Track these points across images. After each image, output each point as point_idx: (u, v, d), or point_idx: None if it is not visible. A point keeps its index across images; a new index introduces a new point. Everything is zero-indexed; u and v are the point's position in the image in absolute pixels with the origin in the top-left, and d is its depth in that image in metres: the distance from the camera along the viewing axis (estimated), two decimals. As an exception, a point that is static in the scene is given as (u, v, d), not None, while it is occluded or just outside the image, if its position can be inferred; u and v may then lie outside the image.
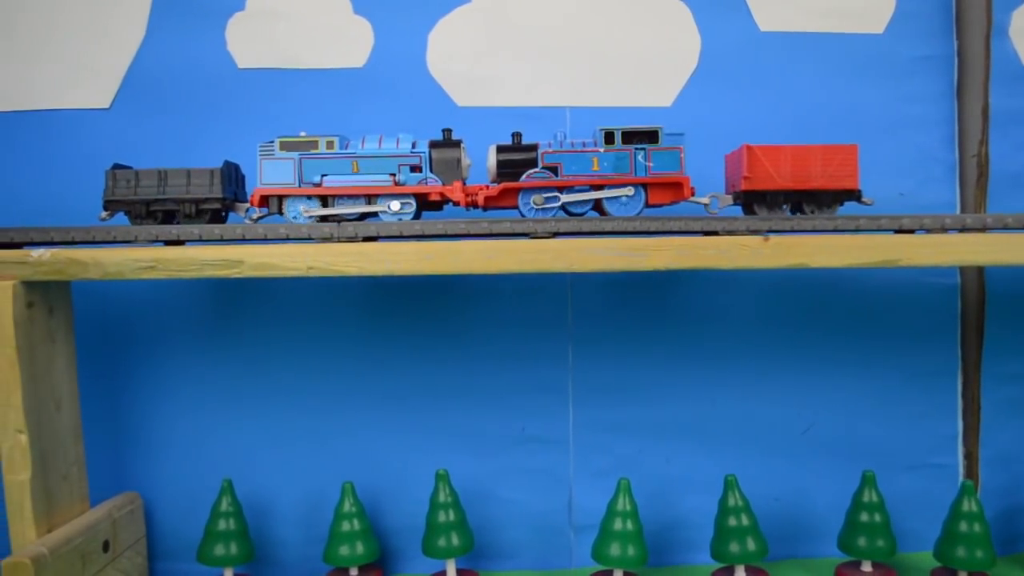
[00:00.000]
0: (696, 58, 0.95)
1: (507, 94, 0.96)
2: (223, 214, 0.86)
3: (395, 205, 0.82)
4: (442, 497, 0.90)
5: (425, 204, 0.84)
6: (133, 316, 0.97)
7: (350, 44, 0.96)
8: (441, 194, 0.82)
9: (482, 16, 0.96)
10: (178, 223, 0.84)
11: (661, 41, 0.95)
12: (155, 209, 0.84)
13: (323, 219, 0.83)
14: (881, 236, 0.80)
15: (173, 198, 0.84)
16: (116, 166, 0.85)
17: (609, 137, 0.82)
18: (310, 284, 0.96)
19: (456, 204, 0.83)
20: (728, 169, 0.88)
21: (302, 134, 0.83)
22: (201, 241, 0.81)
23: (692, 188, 0.82)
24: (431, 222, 0.80)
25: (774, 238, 0.78)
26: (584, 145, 0.83)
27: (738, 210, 0.86)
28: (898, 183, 0.96)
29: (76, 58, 0.97)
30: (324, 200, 0.83)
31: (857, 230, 0.80)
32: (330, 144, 0.83)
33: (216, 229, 0.81)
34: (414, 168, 0.83)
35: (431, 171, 0.83)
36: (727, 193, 0.87)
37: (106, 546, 0.90)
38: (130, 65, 0.96)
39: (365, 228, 0.80)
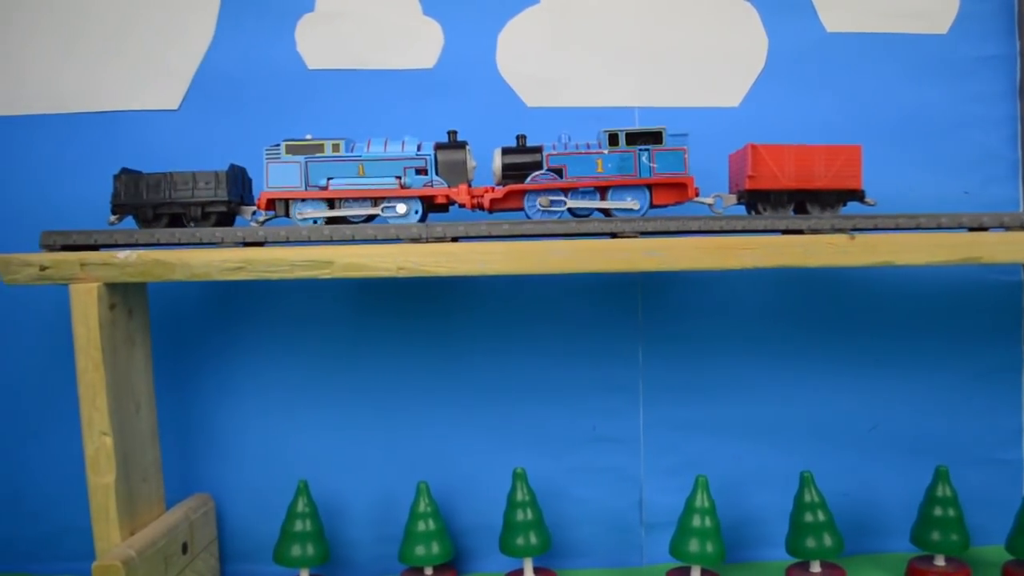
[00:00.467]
0: (763, 59, 0.96)
1: (576, 94, 0.96)
2: (230, 217, 0.86)
3: (401, 208, 0.82)
4: (520, 496, 0.91)
5: (431, 206, 0.84)
6: (204, 318, 0.97)
7: (420, 45, 0.96)
8: (447, 196, 0.83)
9: (551, 17, 0.96)
10: (184, 226, 0.84)
11: (728, 42, 0.96)
12: (162, 212, 0.84)
13: (329, 221, 0.83)
14: (963, 234, 0.81)
15: (179, 201, 0.84)
16: (123, 171, 0.85)
17: (613, 139, 0.82)
18: (381, 284, 0.96)
19: (462, 206, 0.83)
20: (732, 169, 0.89)
21: (308, 137, 0.83)
22: (288, 243, 0.82)
23: (696, 188, 0.82)
24: (518, 222, 0.81)
25: (860, 236, 0.79)
26: (588, 146, 0.83)
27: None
28: (962, 181, 0.97)
29: (146, 60, 0.97)
30: (330, 203, 0.83)
31: (939, 228, 0.81)
32: (336, 147, 0.83)
33: (304, 231, 0.81)
34: (419, 171, 0.83)
35: (437, 173, 0.83)
36: (731, 192, 0.87)
37: (184, 548, 0.90)
38: (199, 66, 0.97)
39: (453, 228, 0.80)
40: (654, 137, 0.82)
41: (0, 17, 0.97)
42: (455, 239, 0.80)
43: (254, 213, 0.85)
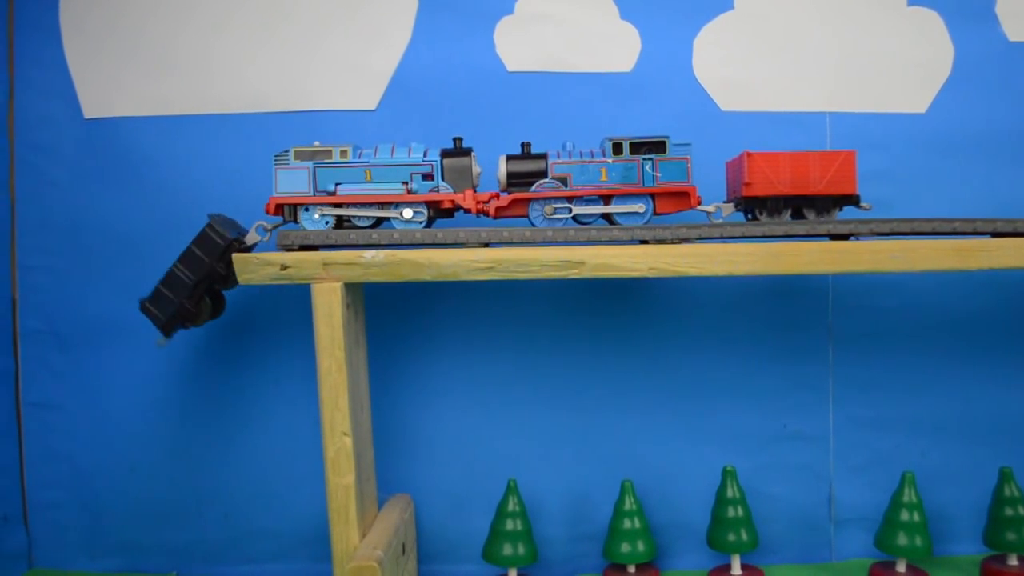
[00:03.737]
0: (949, 66, 0.98)
1: (768, 99, 0.98)
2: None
3: (407, 213, 0.83)
4: (730, 493, 0.92)
5: (437, 212, 0.85)
6: (401, 317, 0.98)
7: (618, 49, 0.97)
8: (452, 202, 0.83)
9: (745, 22, 0.98)
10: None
11: (915, 50, 0.98)
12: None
13: (338, 224, 0.84)
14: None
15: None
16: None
17: (617, 148, 0.84)
18: (576, 285, 0.97)
19: (467, 212, 0.84)
20: (729, 176, 0.90)
21: (316, 144, 0.84)
22: (520, 244, 0.82)
23: (699, 197, 0.83)
24: (754, 225, 0.82)
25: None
26: (592, 155, 0.84)
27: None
28: None
29: (345, 60, 0.97)
30: (338, 208, 0.84)
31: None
32: (344, 153, 0.83)
33: (548, 232, 0.81)
34: (426, 176, 0.84)
35: (443, 179, 0.84)
36: (728, 199, 0.89)
37: (403, 548, 0.90)
38: (397, 67, 0.97)
39: (697, 230, 0.82)
40: (657, 147, 0.84)
41: (196, 15, 0.97)
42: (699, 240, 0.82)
43: (257, 228, 0.86)
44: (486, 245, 0.81)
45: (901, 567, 0.92)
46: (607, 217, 0.85)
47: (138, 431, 0.99)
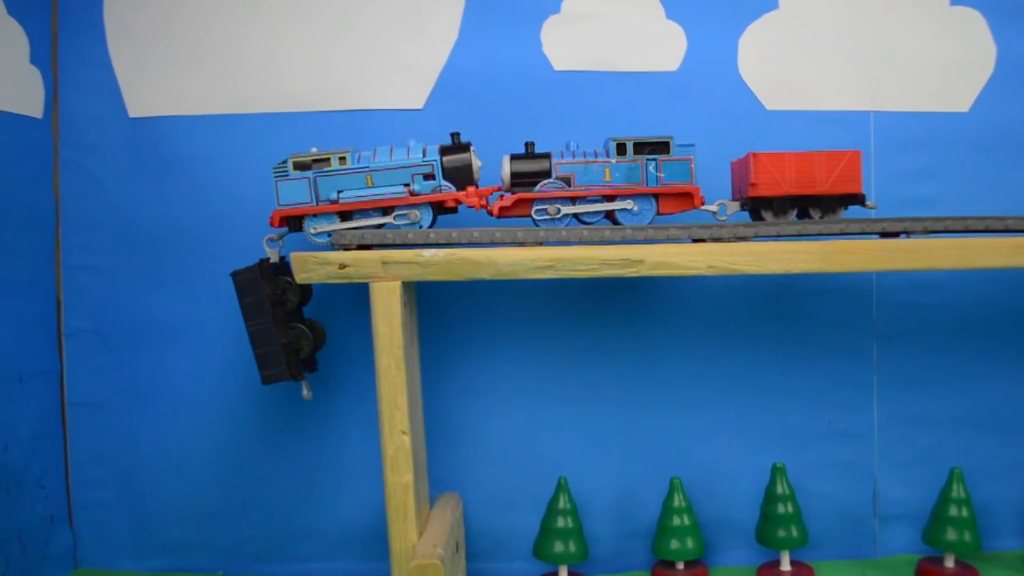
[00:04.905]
0: (992, 65, 0.99)
1: (812, 98, 0.99)
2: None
3: (415, 215, 0.83)
4: (780, 489, 0.93)
5: (441, 210, 0.85)
6: (447, 316, 0.98)
7: (664, 48, 0.98)
8: (456, 200, 0.83)
9: (789, 21, 0.98)
10: None
11: (958, 48, 0.99)
12: None
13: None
14: None
15: None
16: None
17: (621, 148, 0.84)
18: (622, 283, 0.97)
19: (471, 207, 0.84)
20: (735, 176, 0.91)
21: (313, 150, 0.84)
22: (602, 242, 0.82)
23: (702, 198, 0.84)
24: (810, 223, 0.82)
25: None
26: (596, 155, 0.85)
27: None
28: None
29: (393, 60, 0.97)
30: (342, 215, 0.84)
31: None
32: (343, 160, 0.83)
33: (605, 231, 0.82)
34: (427, 176, 0.83)
35: (444, 178, 0.83)
36: (734, 199, 0.90)
37: (456, 546, 0.90)
38: (443, 67, 0.97)
39: (753, 228, 0.82)
40: (661, 147, 0.84)
41: (243, 15, 0.97)
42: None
43: (269, 242, 0.86)
44: (542, 244, 0.82)
45: (949, 562, 0.92)
46: (610, 217, 0.85)
47: (183, 431, 0.99)
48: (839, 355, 0.99)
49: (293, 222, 0.85)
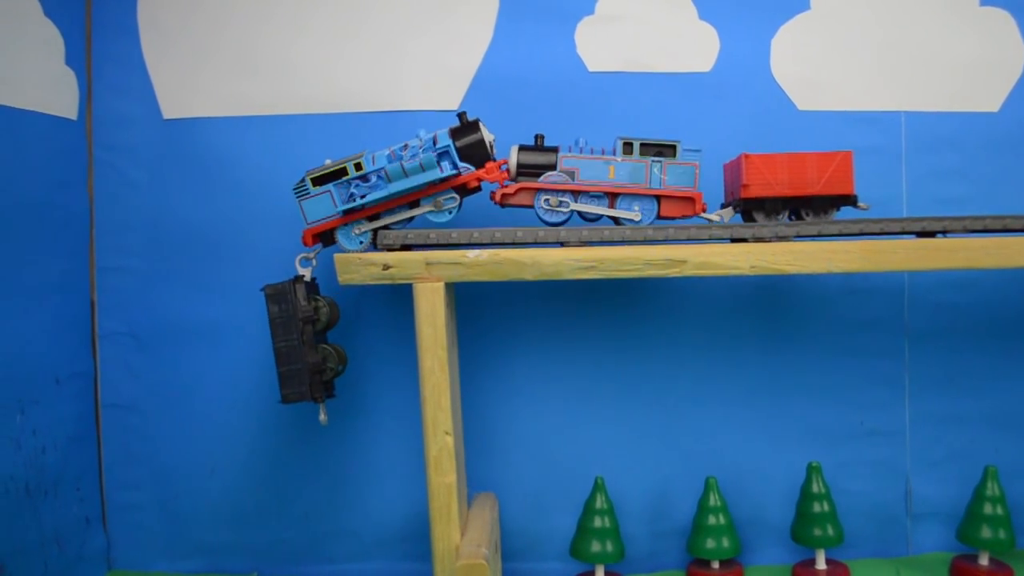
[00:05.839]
0: (1021, 65, 1.00)
1: (844, 98, 0.99)
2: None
3: (438, 202, 0.83)
4: (815, 488, 0.93)
5: (465, 192, 0.84)
6: (482, 316, 0.98)
7: (697, 49, 0.98)
8: (477, 179, 0.83)
9: (821, 22, 0.99)
10: None
11: (987, 48, 1.00)
12: None
13: (374, 237, 0.84)
14: None
15: None
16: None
17: (628, 147, 0.84)
18: (654, 284, 0.98)
19: (492, 183, 0.83)
20: (727, 178, 0.91)
21: (327, 162, 0.83)
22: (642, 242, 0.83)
23: (704, 204, 0.85)
24: (851, 222, 0.83)
25: None
26: (603, 152, 0.85)
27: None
28: None
29: (427, 61, 0.97)
30: (370, 217, 0.84)
31: None
32: (358, 166, 0.82)
33: (648, 231, 0.82)
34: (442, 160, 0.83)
35: (460, 159, 0.83)
36: (726, 202, 0.90)
37: (496, 546, 0.90)
38: (478, 67, 0.97)
39: (794, 228, 0.82)
40: (668, 150, 0.84)
41: (276, 15, 0.97)
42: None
43: (302, 261, 0.86)
44: (587, 244, 0.82)
45: (984, 560, 0.93)
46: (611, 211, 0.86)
47: (217, 432, 0.99)
48: (871, 354, 1.00)
49: (325, 237, 0.85)
